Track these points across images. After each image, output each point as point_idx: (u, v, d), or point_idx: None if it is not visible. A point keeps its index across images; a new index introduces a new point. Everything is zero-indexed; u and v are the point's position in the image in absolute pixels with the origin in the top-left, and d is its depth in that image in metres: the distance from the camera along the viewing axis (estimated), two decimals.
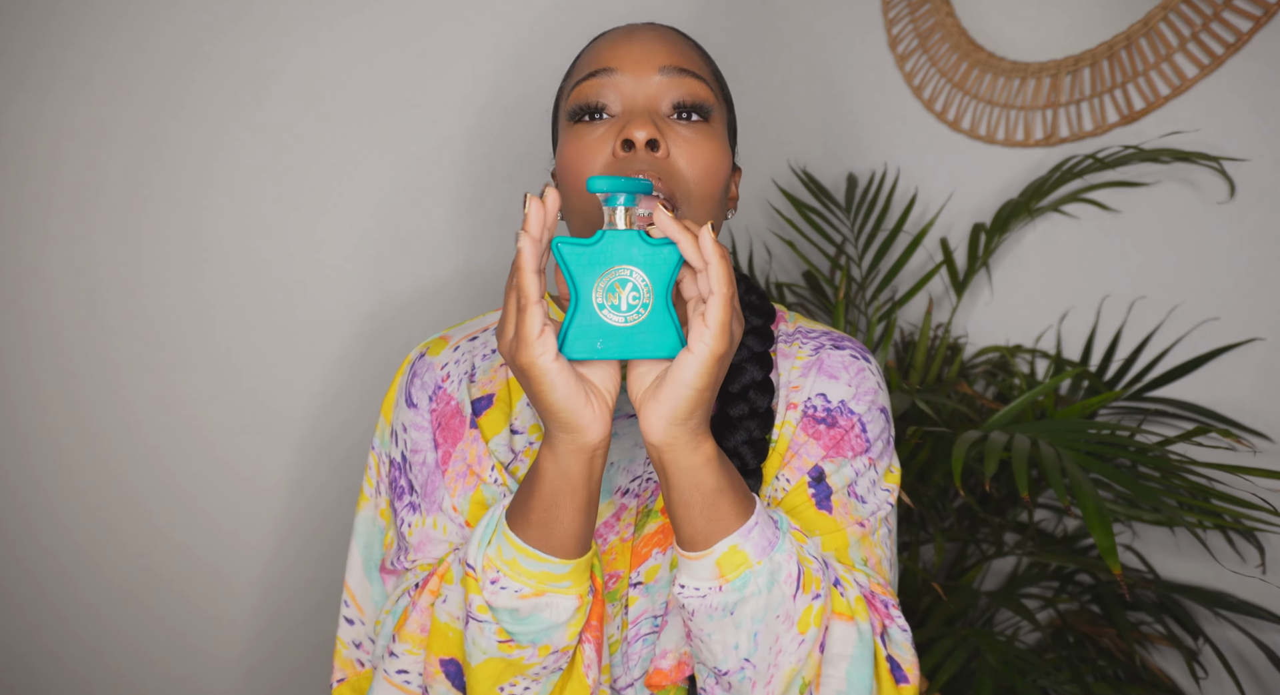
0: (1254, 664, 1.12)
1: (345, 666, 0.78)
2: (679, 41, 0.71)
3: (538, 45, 1.24)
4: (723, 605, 0.58)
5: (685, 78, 0.68)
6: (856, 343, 0.77)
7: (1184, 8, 1.13)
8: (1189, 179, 1.16)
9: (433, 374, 0.75)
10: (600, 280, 0.54)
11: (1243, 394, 1.12)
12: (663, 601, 0.67)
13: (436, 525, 0.70)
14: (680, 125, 0.68)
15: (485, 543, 0.60)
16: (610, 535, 0.69)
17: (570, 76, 0.73)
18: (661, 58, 0.68)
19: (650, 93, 0.68)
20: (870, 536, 0.69)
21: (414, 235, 1.18)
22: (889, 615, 0.65)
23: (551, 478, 0.57)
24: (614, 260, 0.54)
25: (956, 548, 1.36)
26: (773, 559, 0.58)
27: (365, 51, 1.11)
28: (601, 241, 0.54)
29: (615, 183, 0.53)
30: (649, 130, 0.64)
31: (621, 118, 0.67)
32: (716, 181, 0.68)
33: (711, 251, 0.53)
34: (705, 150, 0.67)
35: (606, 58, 0.69)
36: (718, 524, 0.57)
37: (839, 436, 0.70)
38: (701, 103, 0.68)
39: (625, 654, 0.67)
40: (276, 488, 1.12)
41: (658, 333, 0.54)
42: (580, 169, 0.67)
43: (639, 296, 0.54)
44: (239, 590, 1.10)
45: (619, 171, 0.65)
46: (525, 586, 0.58)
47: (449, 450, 0.72)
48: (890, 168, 1.54)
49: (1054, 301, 1.33)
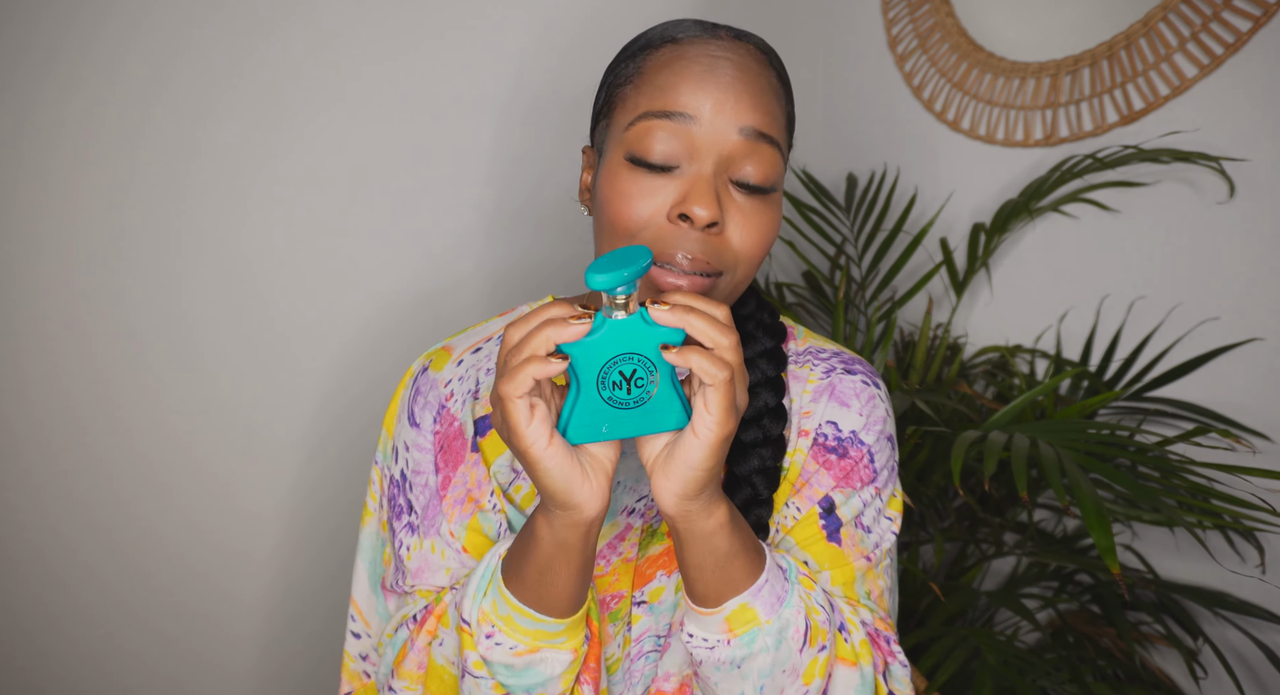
0: (1254, 664, 1.12)
1: (352, 679, 0.78)
2: (766, 86, 0.63)
3: (555, 45, 1.24)
4: (730, 659, 0.58)
5: (762, 146, 0.62)
6: (867, 366, 0.76)
7: (1184, 8, 1.13)
8: (1189, 179, 1.16)
9: (436, 392, 0.74)
10: (604, 368, 0.52)
11: (1243, 394, 1.12)
12: (666, 622, 0.67)
13: (435, 549, 0.70)
14: (743, 195, 0.62)
15: (481, 594, 0.60)
16: (613, 556, 0.69)
17: (635, 85, 0.64)
18: (746, 115, 0.61)
19: (724, 155, 0.61)
20: (875, 569, 0.70)
21: (430, 237, 1.18)
22: (890, 652, 0.66)
23: (547, 545, 0.56)
24: (617, 348, 0.51)
25: (956, 548, 1.36)
26: (781, 616, 0.58)
27: (381, 52, 1.11)
28: (603, 331, 0.51)
29: (615, 279, 0.49)
30: (712, 212, 0.60)
31: (685, 180, 0.61)
32: (766, 250, 0.65)
33: (717, 334, 0.51)
34: (761, 225, 0.63)
35: (684, 100, 0.61)
36: (729, 584, 0.57)
37: (849, 467, 0.70)
38: (772, 182, 0.63)
39: (628, 671, 0.67)
40: (280, 495, 1.12)
41: (663, 410, 0.54)
42: (627, 213, 0.62)
43: (644, 380, 0.52)
44: (260, 580, 1.10)
45: (668, 240, 0.61)
46: (520, 643, 0.58)
47: (449, 475, 0.71)
48: (890, 168, 1.54)
49: (1054, 301, 1.33)
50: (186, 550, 1.06)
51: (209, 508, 1.07)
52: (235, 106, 1.03)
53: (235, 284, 1.06)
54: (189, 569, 1.07)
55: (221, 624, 1.10)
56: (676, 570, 0.68)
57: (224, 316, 1.06)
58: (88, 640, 1.02)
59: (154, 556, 1.05)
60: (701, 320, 0.51)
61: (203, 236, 1.04)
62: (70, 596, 1.00)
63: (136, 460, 1.02)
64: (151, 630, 1.05)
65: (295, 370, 1.11)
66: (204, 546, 1.07)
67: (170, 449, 1.04)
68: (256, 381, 1.08)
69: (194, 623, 1.08)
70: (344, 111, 1.10)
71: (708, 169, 0.61)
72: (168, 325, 1.03)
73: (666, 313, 0.51)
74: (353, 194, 1.12)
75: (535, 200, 1.26)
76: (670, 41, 0.65)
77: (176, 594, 1.07)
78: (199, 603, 1.08)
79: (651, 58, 0.65)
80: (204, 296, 1.04)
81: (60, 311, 0.97)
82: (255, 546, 1.11)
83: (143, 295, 1.01)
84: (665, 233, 0.62)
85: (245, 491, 1.10)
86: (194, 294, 1.04)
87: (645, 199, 0.62)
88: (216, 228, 1.04)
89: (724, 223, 0.62)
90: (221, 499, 1.08)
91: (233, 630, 1.11)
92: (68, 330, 0.97)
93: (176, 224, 1.02)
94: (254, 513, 1.10)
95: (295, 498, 1.13)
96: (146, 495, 1.03)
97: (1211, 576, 1.16)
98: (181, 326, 1.03)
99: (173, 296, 1.03)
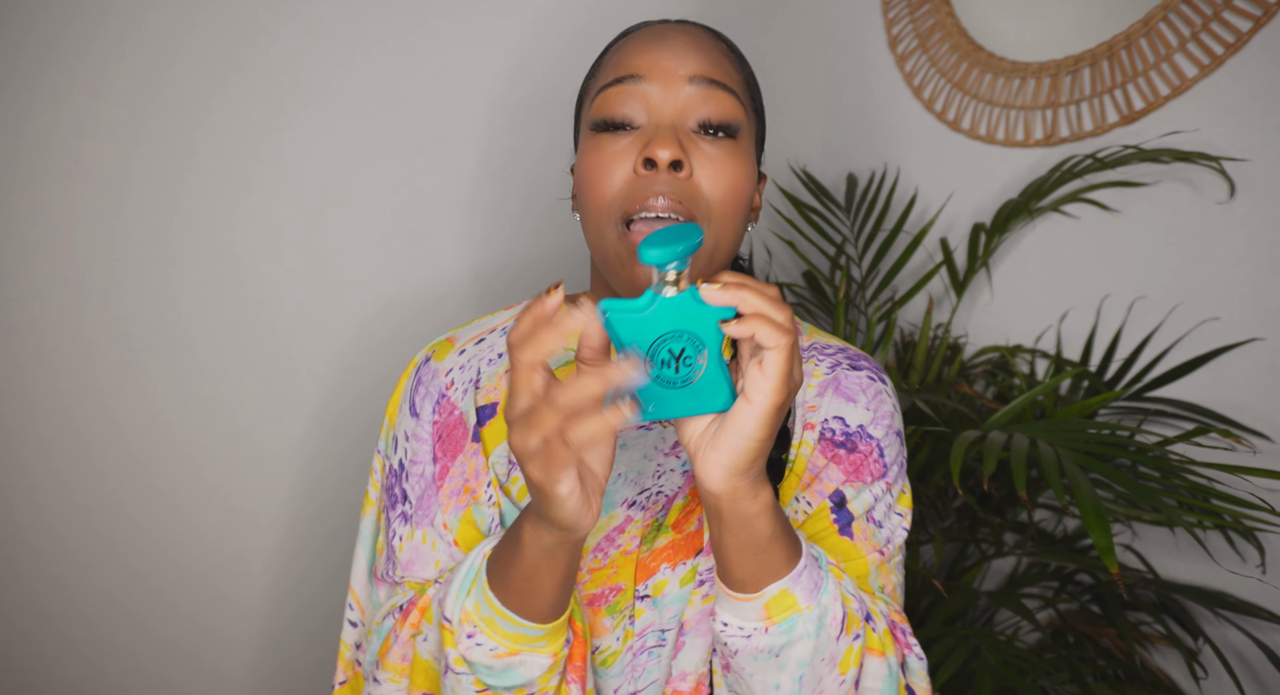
0: (1254, 664, 1.12)
1: (347, 668, 0.78)
2: (712, 47, 0.67)
3: (549, 42, 1.24)
4: (769, 647, 0.57)
5: (716, 91, 0.64)
6: (873, 362, 0.76)
7: (1184, 8, 1.13)
8: (1189, 179, 1.16)
9: (437, 381, 0.74)
10: (653, 346, 0.51)
11: (1243, 394, 1.12)
12: (670, 616, 0.67)
13: (426, 540, 0.70)
14: (706, 142, 0.64)
15: (465, 593, 0.59)
16: (611, 549, 0.68)
17: (595, 76, 0.70)
18: (693, 66, 0.64)
19: (678, 105, 0.64)
20: (888, 564, 0.70)
21: (423, 236, 1.18)
22: (907, 645, 0.66)
23: (534, 554, 0.56)
24: (667, 325, 0.51)
25: (956, 548, 1.36)
26: (820, 602, 0.58)
27: (374, 52, 1.11)
28: (654, 307, 0.50)
29: (667, 253, 0.49)
30: (673, 150, 0.61)
31: (646, 132, 0.64)
32: (740, 201, 0.65)
33: (772, 309, 0.50)
34: (731, 170, 0.64)
35: (634, 63, 0.65)
36: (769, 569, 0.57)
37: (859, 461, 0.70)
38: (730, 121, 0.65)
39: (631, 666, 0.67)
40: (277, 496, 1.12)
41: (711, 390, 0.53)
42: (599, 182, 0.64)
43: (692, 358, 0.52)
44: (258, 583, 1.10)
45: (639, 189, 0.63)
46: (501, 646, 0.58)
47: (448, 464, 0.71)
48: (890, 168, 1.54)
49: (1054, 301, 1.33)
50: (184, 551, 1.06)
51: (206, 509, 1.07)
52: (233, 107, 1.03)
53: (232, 284, 1.06)
54: (186, 570, 1.07)
55: (219, 625, 1.10)
56: (680, 563, 0.68)
57: (221, 316, 1.06)
58: (86, 640, 1.02)
59: (151, 557, 1.05)
60: (754, 295, 0.50)
61: (200, 237, 1.04)
62: (68, 596, 1.00)
63: (135, 461, 1.02)
64: (149, 631, 1.05)
65: (293, 371, 1.11)
66: (201, 548, 1.07)
67: (167, 449, 1.04)
68: (254, 382, 1.08)
69: (192, 624, 1.08)
70: (342, 112, 1.10)
71: (666, 119, 0.64)
72: (165, 325, 1.03)
73: (718, 291, 0.50)
74: (352, 194, 1.12)
75: (533, 198, 1.26)
76: (624, 35, 0.71)
77: (174, 595, 1.06)
78: (196, 604, 1.08)
79: (609, 50, 0.70)
80: (201, 296, 1.04)
81: (57, 312, 0.97)
82: (253, 548, 1.11)
83: (140, 295, 1.01)
84: (636, 185, 0.63)
85: (242, 493, 1.10)
86: (191, 294, 1.04)
87: (613, 162, 0.64)
88: (213, 228, 1.04)
89: (691, 167, 0.63)
90: (219, 500, 1.08)
91: (231, 631, 1.11)
92: (65, 331, 0.97)
93: (173, 225, 1.02)
94: (251, 514, 1.10)
95: (292, 499, 1.13)
96: (144, 496, 1.03)
97: (1211, 576, 1.16)
98: (178, 326, 1.03)
99: (170, 296, 1.03)
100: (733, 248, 0.67)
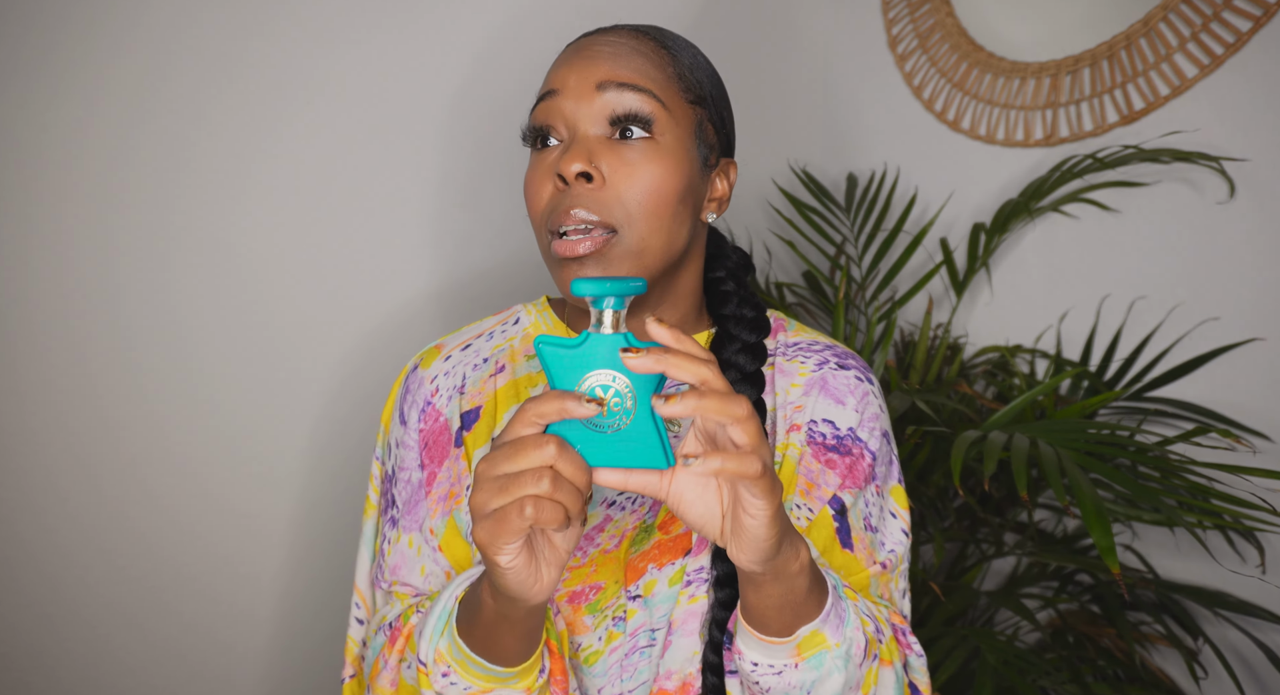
0: (1254, 664, 1.12)
1: (355, 663, 0.79)
2: (627, 51, 0.67)
3: (531, 39, 1.24)
4: (799, 683, 0.59)
5: (625, 94, 0.64)
6: (860, 361, 0.76)
7: (1184, 8, 1.13)
8: (1189, 179, 1.16)
9: (423, 390, 0.75)
10: (581, 385, 0.50)
11: (1243, 394, 1.12)
12: (660, 615, 0.68)
13: (412, 545, 0.71)
14: (623, 146, 0.64)
15: (438, 634, 0.60)
16: (590, 548, 0.69)
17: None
18: (602, 73, 0.65)
19: (591, 114, 0.65)
20: (889, 574, 0.71)
21: (427, 234, 1.18)
22: (908, 645, 0.68)
23: (490, 613, 0.56)
24: (597, 364, 0.50)
25: (956, 548, 1.36)
26: (845, 636, 0.59)
27: (360, 53, 1.11)
28: (586, 344, 0.50)
29: (601, 287, 0.48)
30: (580, 162, 0.63)
31: (565, 145, 0.66)
32: (661, 200, 0.64)
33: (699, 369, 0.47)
34: (646, 172, 0.64)
35: (553, 78, 0.67)
36: (803, 618, 0.58)
37: (851, 464, 0.71)
38: (637, 115, 0.64)
39: (621, 665, 0.68)
40: (276, 498, 1.12)
41: (642, 443, 0.51)
42: (531, 197, 0.67)
43: (621, 403, 0.50)
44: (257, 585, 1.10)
45: (560, 203, 0.64)
46: (474, 685, 0.59)
47: (434, 471, 0.72)
48: (890, 168, 1.54)
49: (1054, 301, 1.33)
50: (182, 553, 1.06)
51: (205, 511, 1.07)
52: (231, 108, 1.03)
53: (231, 285, 1.06)
54: (185, 572, 1.07)
55: (220, 627, 1.10)
56: (668, 564, 0.68)
57: (219, 315, 1.06)
58: (85, 640, 1.02)
59: (150, 559, 1.04)
60: (680, 359, 0.47)
61: (198, 238, 1.03)
62: (67, 598, 1.00)
63: (133, 462, 1.02)
64: (148, 633, 1.05)
65: (292, 372, 1.11)
66: (199, 550, 1.07)
67: (165, 451, 1.04)
68: (254, 382, 1.08)
69: (190, 626, 1.08)
70: (342, 114, 1.10)
71: (579, 130, 0.65)
72: (163, 326, 1.03)
73: (638, 360, 0.47)
74: (351, 195, 1.12)
75: None
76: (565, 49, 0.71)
77: (173, 596, 1.06)
78: (195, 606, 1.08)
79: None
80: (200, 297, 1.04)
81: (55, 313, 0.97)
82: (252, 549, 1.11)
83: (138, 296, 1.01)
84: (557, 199, 0.65)
85: (241, 494, 1.09)
86: (189, 294, 1.04)
87: (541, 178, 0.66)
88: (212, 229, 1.04)
89: (604, 174, 0.64)
90: (217, 502, 1.08)
91: (231, 633, 1.10)
92: (63, 331, 0.97)
93: (172, 225, 1.02)
94: (250, 516, 1.10)
95: (291, 501, 1.13)
96: (142, 498, 1.03)
97: (1211, 576, 1.16)
98: (176, 327, 1.03)
99: (168, 297, 1.03)
100: (666, 245, 0.66)
